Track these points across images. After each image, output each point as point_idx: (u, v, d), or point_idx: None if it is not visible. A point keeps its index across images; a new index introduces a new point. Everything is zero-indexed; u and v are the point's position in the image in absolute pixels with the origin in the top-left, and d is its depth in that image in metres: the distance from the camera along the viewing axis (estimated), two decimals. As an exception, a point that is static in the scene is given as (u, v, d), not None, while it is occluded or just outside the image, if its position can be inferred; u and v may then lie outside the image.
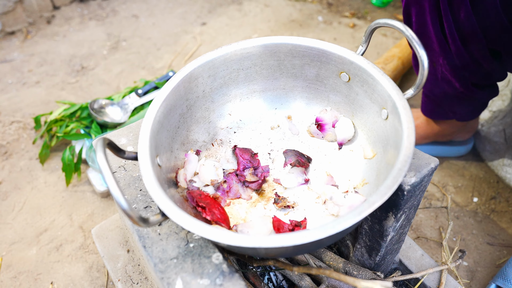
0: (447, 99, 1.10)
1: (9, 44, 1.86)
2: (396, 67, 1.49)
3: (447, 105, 1.12)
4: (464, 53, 0.95)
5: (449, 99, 1.10)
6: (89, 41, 1.89)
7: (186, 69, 0.68)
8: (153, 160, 0.58)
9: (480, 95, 1.06)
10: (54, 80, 1.69)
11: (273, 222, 0.68)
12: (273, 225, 0.68)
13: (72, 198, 1.26)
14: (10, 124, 1.49)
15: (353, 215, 0.51)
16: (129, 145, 0.75)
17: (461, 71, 1.00)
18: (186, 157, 0.71)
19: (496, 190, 1.24)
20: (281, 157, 0.78)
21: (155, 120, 0.61)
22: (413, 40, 0.61)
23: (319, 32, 1.89)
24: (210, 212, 0.65)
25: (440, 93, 1.09)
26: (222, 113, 0.78)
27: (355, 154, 0.75)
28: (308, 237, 0.49)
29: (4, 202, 1.25)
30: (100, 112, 1.38)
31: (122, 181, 0.70)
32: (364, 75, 0.69)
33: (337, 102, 0.78)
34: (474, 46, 0.93)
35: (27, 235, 1.16)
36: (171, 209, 0.52)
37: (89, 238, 1.15)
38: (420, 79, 0.64)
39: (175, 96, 0.66)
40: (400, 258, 0.92)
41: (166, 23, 1.99)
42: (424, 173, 0.67)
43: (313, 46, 0.73)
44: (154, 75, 1.70)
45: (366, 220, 0.77)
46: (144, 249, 0.60)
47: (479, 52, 0.94)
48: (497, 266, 1.06)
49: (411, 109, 1.36)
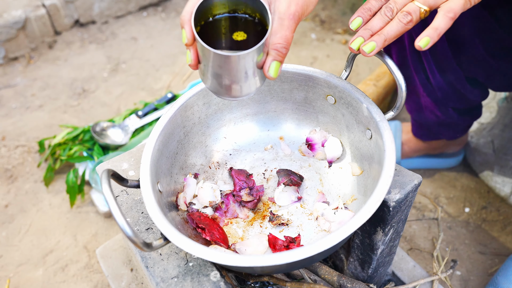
0: (433, 125, 1.16)
1: (13, 70, 1.92)
2: (388, 84, 1.53)
3: (435, 129, 1.18)
4: (444, 85, 1.00)
5: (435, 124, 1.15)
6: (90, 64, 1.95)
7: (182, 99, 0.73)
8: (154, 187, 0.62)
9: (462, 120, 1.11)
10: (56, 104, 1.74)
11: (268, 239, 0.72)
12: (269, 242, 0.72)
13: (76, 219, 1.30)
14: (15, 148, 1.54)
15: (339, 233, 0.56)
16: (131, 169, 0.80)
17: (442, 101, 1.04)
18: (185, 181, 0.75)
19: (487, 200, 1.28)
20: (275, 177, 0.82)
21: (155, 149, 0.66)
22: (389, 64, 0.66)
23: (313, 50, 1.95)
24: (210, 232, 0.69)
25: (426, 120, 1.14)
26: (217, 137, 0.83)
27: (344, 171, 0.80)
28: (298, 255, 0.54)
29: (10, 225, 1.29)
30: (102, 134, 1.43)
31: (124, 204, 0.74)
32: (348, 98, 0.74)
33: (325, 123, 0.83)
34: (453, 77, 0.98)
35: (33, 257, 1.20)
36: (172, 233, 0.56)
37: (93, 258, 1.19)
38: (399, 101, 0.68)
39: (172, 125, 0.71)
40: (393, 270, 0.96)
41: (164, 44, 2.05)
42: (408, 189, 0.71)
43: (300, 71, 0.78)
44: (154, 95, 1.75)
45: (357, 235, 0.81)
46: (147, 269, 0.64)
47: (458, 82, 0.99)
48: (489, 275, 1.10)
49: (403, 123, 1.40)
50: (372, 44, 0.60)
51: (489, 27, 0.87)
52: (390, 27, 0.59)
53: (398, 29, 0.59)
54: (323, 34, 2.06)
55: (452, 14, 0.55)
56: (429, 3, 0.57)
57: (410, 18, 0.58)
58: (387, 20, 0.60)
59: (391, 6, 0.60)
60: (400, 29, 0.59)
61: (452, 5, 0.56)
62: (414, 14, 0.58)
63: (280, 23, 0.56)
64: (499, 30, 0.87)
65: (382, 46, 0.60)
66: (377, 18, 0.61)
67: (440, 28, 0.56)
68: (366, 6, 0.62)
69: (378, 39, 0.59)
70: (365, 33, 0.61)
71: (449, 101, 1.05)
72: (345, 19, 2.15)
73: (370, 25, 0.61)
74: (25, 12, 1.90)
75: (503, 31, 0.87)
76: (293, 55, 1.94)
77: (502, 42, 0.89)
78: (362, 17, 0.62)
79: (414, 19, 0.58)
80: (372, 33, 0.61)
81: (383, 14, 0.60)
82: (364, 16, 0.62)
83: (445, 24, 0.56)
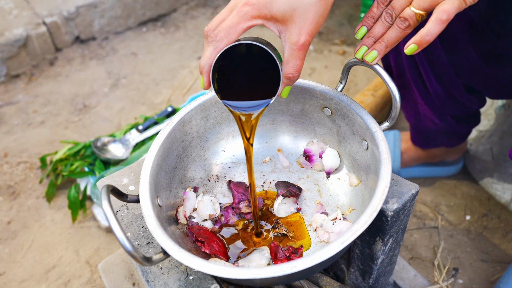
0: (432, 132, 1.16)
1: (14, 87, 1.94)
2: (386, 93, 1.54)
3: (433, 136, 1.18)
4: (442, 93, 1.01)
5: (434, 132, 1.16)
6: (91, 80, 1.97)
7: (180, 114, 0.74)
8: (153, 202, 0.63)
9: (461, 127, 1.12)
10: (58, 120, 1.76)
11: (270, 248, 0.72)
12: (270, 251, 0.72)
13: (78, 234, 1.30)
14: (17, 164, 1.55)
15: (337, 244, 0.56)
16: (131, 184, 0.81)
17: (440, 108, 1.05)
18: (184, 194, 0.76)
19: (487, 208, 1.28)
20: (273, 189, 0.83)
21: (154, 164, 0.67)
22: (383, 75, 0.67)
23: (311, 61, 1.97)
24: (209, 246, 0.70)
25: (424, 128, 1.15)
26: (216, 151, 0.84)
27: (342, 182, 0.80)
28: (296, 267, 0.54)
29: (13, 241, 1.30)
30: (103, 149, 1.44)
31: (125, 219, 0.75)
32: (344, 110, 0.75)
33: (322, 134, 0.84)
34: (450, 84, 0.99)
35: (36, 273, 1.21)
36: (172, 247, 0.57)
37: (96, 272, 1.19)
38: (394, 112, 0.69)
39: (171, 139, 0.72)
40: (394, 280, 0.96)
41: (164, 59, 2.07)
42: (406, 198, 0.72)
43: (297, 84, 0.79)
44: (154, 110, 1.77)
45: (357, 245, 0.82)
46: (148, 284, 0.65)
47: (456, 89, 1.00)
48: (491, 282, 1.09)
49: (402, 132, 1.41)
50: (373, 53, 0.63)
51: (482, 34, 0.88)
52: (389, 34, 0.62)
53: (397, 34, 0.61)
54: (320, 45, 2.08)
55: (446, 16, 0.56)
56: (423, 6, 0.58)
57: (407, 24, 0.60)
58: (387, 26, 0.62)
59: (389, 12, 0.62)
60: (399, 34, 0.61)
61: (445, 7, 0.56)
62: (410, 19, 0.59)
63: (291, 53, 0.61)
64: (492, 36, 0.88)
65: (383, 53, 0.63)
66: (379, 25, 0.63)
67: (430, 34, 0.57)
68: (369, 15, 0.65)
69: (379, 47, 0.62)
70: (368, 41, 0.64)
71: (447, 108, 1.05)
72: (342, 30, 2.17)
73: (372, 32, 0.64)
74: (26, 30, 1.93)
75: (496, 37, 0.88)
76: (291, 66, 1.96)
77: (495, 49, 0.90)
78: (366, 25, 0.65)
79: (412, 24, 0.60)
80: (375, 40, 0.63)
81: (384, 20, 0.62)
82: (368, 25, 0.65)
83: (436, 28, 0.57)
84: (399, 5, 0.61)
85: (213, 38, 0.59)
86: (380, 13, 0.64)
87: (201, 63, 0.61)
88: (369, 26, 0.65)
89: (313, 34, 0.61)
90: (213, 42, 0.59)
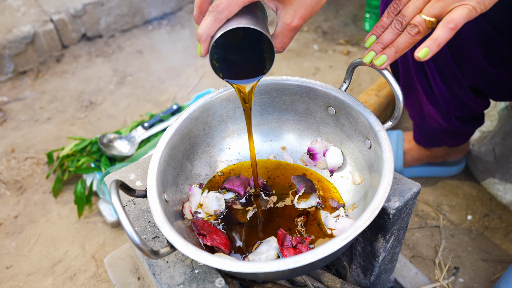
0: (436, 132, 1.17)
1: (21, 83, 1.96)
2: (389, 93, 1.55)
3: (437, 136, 1.19)
4: (447, 93, 1.02)
5: (437, 131, 1.17)
6: (97, 77, 1.99)
7: (187, 111, 0.76)
8: (160, 197, 0.65)
9: (465, 128, 1.13)
10: (64, 116, 1.78)
11: (278, 235, 0.73)
12: (278, 238, 0.73)
13: (84, 229, 1.32)
14: (25, 160, 1.57)
15: (339, 239, 0.58)
16: (138, 180, 0.82)
17: (444, 108, 1.06)
18: (190, 190, 0.78)
19: (489, 208, 1.29)
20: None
21: (161, 160, 0.68)
22: (386, 75, 0.68)
23: (315, 61, 1.98)
24: (210, 238, 0.72)
25: (428, 127, 1.16)
26: (222, 148, 0.86)
27: (345, 180, 0.82)
28: (299, 261, 0.55)
29: (20, 235, 1.32)
30: (109, 146, 1.46)
31: (132, 214, 0.76)
32: (348, 109, 0.77)
33: (326, 133, 0.85)
34: (456, 85, 1.00)
35: (42, 266, 1.23)
36: (178, 241, 0.58)
37: (101, 267, 1.21)
38: (397, 112, 0.71)
39: (178, 136, 0.74)
40: (395, 277, 0.97)
41: (169, 57, 2.09)
42: (408, 197, 0.73)
43: (301, 84, 0.80)
44: (159, 107, 1.79)
45: (359, 242, 0.83)
46: (154, 277, 0.67)
47: (461, 90, 1.00)
48: (492, 282, 1.10)
49: (405, 132, 1.42)
50: (383, 58, 0.64)
51: (490, 37, 0.89)
52: (400, 40, 0.62)
53: (407, 41, 0.62)
54: (325, 45, 2.09)
55: (453, 25, 0.56)
56: (433, 13, 0.59)
57: (417, 30, 0.60)
58: (397, 33, 0.63)
59: (400, 19, 0.63)
60: (409, 40, 0.62)
61: (454, 16, 0.57)
62: (420, 26, 0.60)
63: (282, 31, 0.64)
64: (499, 39, 0.89)
65: (393, 58, 0.64)
66: (388, 32, 0.64)
67: (439, 39, 0.57)
68: (379, 24, 0.66)
69: (389, 52, 0.63)
70: (377, 47, 0.65)
71: (452, 109, 1.06)
72: (347, 30, 2.18)
73: (381, 39, 0.65)
74: (34, 27, 1.96)
75: (503, 40, 0.88)
76: (296, 66, 1.97)
77: (502, 51, 0.91)
78: (376, 34, 0.66)
79: (422, 31, 0.60)
80: (384, 46, 0.64)
81: (393, 28, 0.63)
82: (377, 34, 0.66)
83: (445, 35, 0.57)
84: (409, 13, 0.62)
85: (214, 9, 0.59)
86: (390, 22, 0.65)
87: (199, 31, 0.60)
88: (378, 35, 0.66)
89: (307, 19, 0.63)
90: (214, 12, 0.59)
